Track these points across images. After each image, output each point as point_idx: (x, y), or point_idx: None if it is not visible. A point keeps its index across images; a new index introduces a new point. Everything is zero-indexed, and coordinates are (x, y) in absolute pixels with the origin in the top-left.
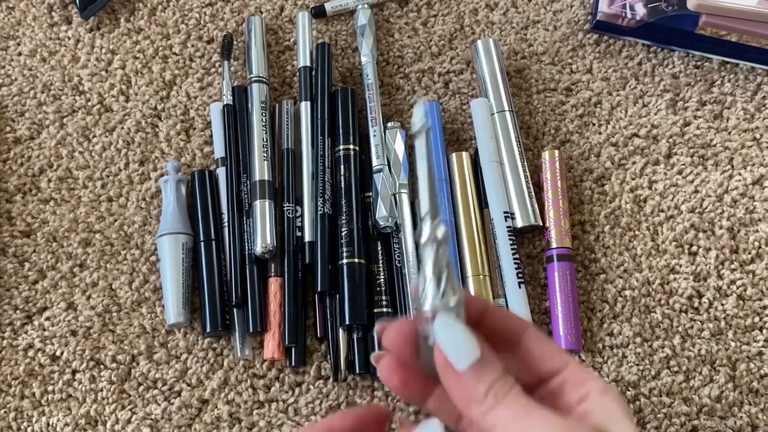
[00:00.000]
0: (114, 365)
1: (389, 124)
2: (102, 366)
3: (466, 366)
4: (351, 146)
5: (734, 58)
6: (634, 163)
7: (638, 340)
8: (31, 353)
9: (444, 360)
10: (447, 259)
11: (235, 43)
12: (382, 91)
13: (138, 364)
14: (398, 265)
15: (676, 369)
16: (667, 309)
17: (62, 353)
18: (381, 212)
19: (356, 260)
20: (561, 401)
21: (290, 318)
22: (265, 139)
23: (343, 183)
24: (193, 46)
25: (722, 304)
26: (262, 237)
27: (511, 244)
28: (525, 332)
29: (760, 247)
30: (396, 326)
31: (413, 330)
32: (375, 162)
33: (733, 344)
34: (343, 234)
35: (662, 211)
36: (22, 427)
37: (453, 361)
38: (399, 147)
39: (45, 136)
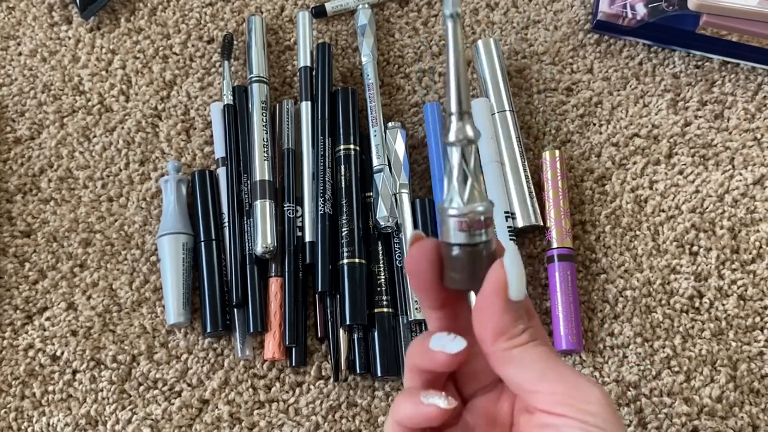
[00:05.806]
0: (114, 365)
1: (390, 124)
2: (102, 366)
3: (518, 296)
4: (351, 146)
5: (735, 58)
6: (634, 163)
7: (639, 340)
8: (31, 353)
9: (500, 283)
10: (475, 163)
11: (235, 43)
12: (382, 91)
13: (138, 364)
14: (399, 265)
15: (676, 369)
16: (668, 309)
17: (62, 353)
18: (381, 212)
19: (357, 260)
20: None
21: (290, 318)
22: (265, 139)
23: (343, 183)
24: (193, 46)
25: (723, 304)
26: (263, 237)
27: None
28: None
29: (761, 247)
30: (420, 243)
31: (435, 247)
32: (375, 162)
33: (733, 344)
34: (344, 234)
35: (663, 211)
36: (23, 427)
37: (511, 288)
38: (399, 147)
39: (45, 136)
